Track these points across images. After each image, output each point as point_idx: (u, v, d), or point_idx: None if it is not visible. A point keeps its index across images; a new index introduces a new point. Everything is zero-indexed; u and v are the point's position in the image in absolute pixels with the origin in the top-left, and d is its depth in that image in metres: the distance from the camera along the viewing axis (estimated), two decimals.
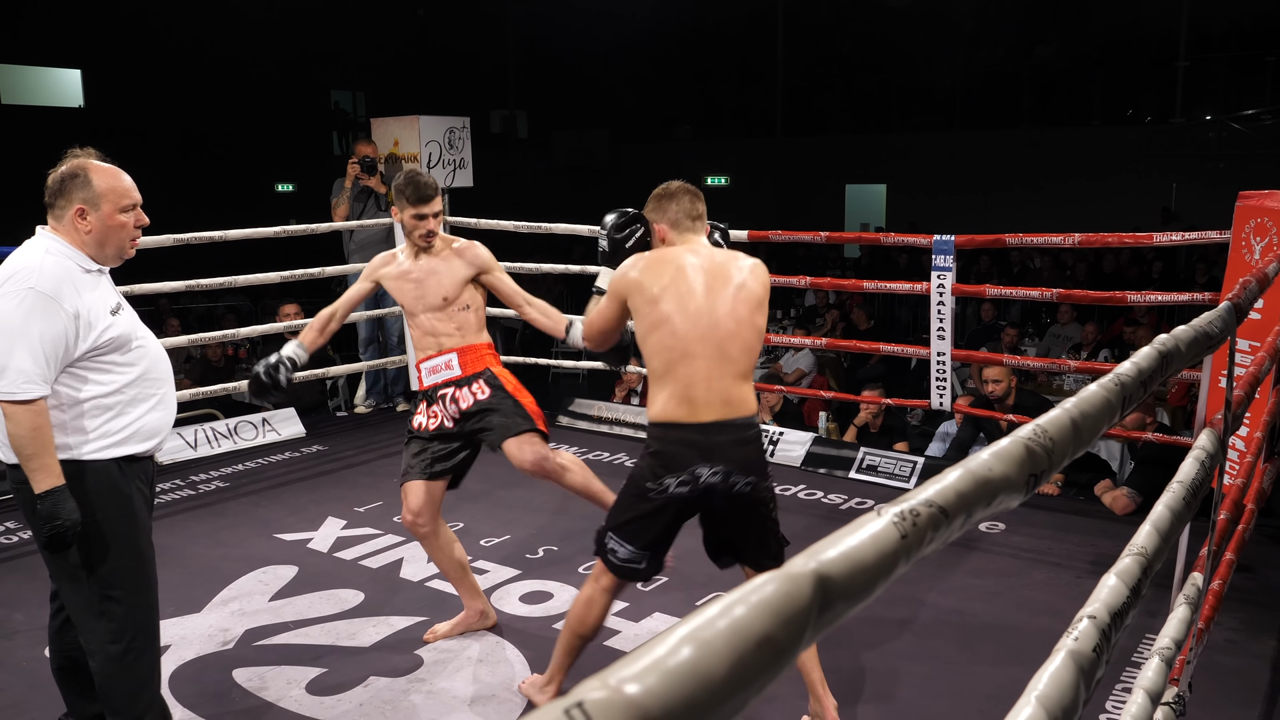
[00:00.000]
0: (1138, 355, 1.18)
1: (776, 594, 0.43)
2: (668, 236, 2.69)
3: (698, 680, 0.37)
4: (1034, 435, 0.75)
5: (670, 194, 2.71)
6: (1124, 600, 1.06)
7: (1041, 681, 0.88)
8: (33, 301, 2.25)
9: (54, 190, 2.37)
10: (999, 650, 3.21)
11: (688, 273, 2.56)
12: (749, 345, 2.57)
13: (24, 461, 2.27)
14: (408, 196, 3.16)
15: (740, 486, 2.54)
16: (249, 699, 2.94)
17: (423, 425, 3.24)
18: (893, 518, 0.55)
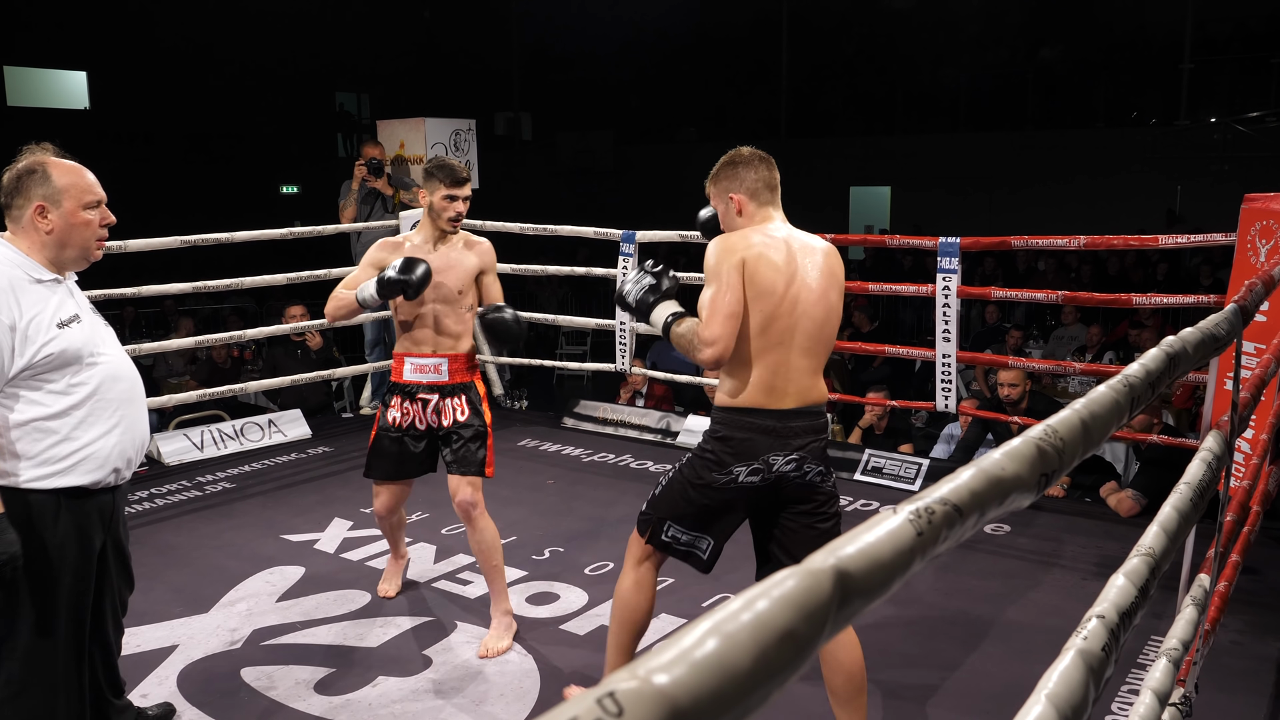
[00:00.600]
0: (1145, 357, 1.19)
1: (797, 589, 0.44)
2: (745, 208, 2.46)
3: (724, 672, 0.38)
4: (1045, 435, 0.76)
5: (744, 160, 2.49)
6: (1132, 600, 1.06)
7: (1051, 680, 0.89)
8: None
9: (9, 189, 2.20)
10: (1005, 651, 3.22)
11: (790, 252, 2.40)
12: (831, 337, 2.48)
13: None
14: (441, 178, 3.20)
15: (812, 475, 2.43)
16: (257, 699, 2.96)
17: (396, 421, 3.31)
18: (909, 515, 0.56)
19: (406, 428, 3.30)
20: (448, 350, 3.29)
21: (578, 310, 10.92)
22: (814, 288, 2.40)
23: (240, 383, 6.06)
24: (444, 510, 4.45)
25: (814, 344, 2.41)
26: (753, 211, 2.46)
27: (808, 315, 2.39)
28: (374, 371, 6.28)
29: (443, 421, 3.28)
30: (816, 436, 2.44)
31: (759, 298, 2.35)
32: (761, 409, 2.39)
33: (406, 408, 3.29)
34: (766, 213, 2.47)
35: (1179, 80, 13.81)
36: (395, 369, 3.35)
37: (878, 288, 5.21)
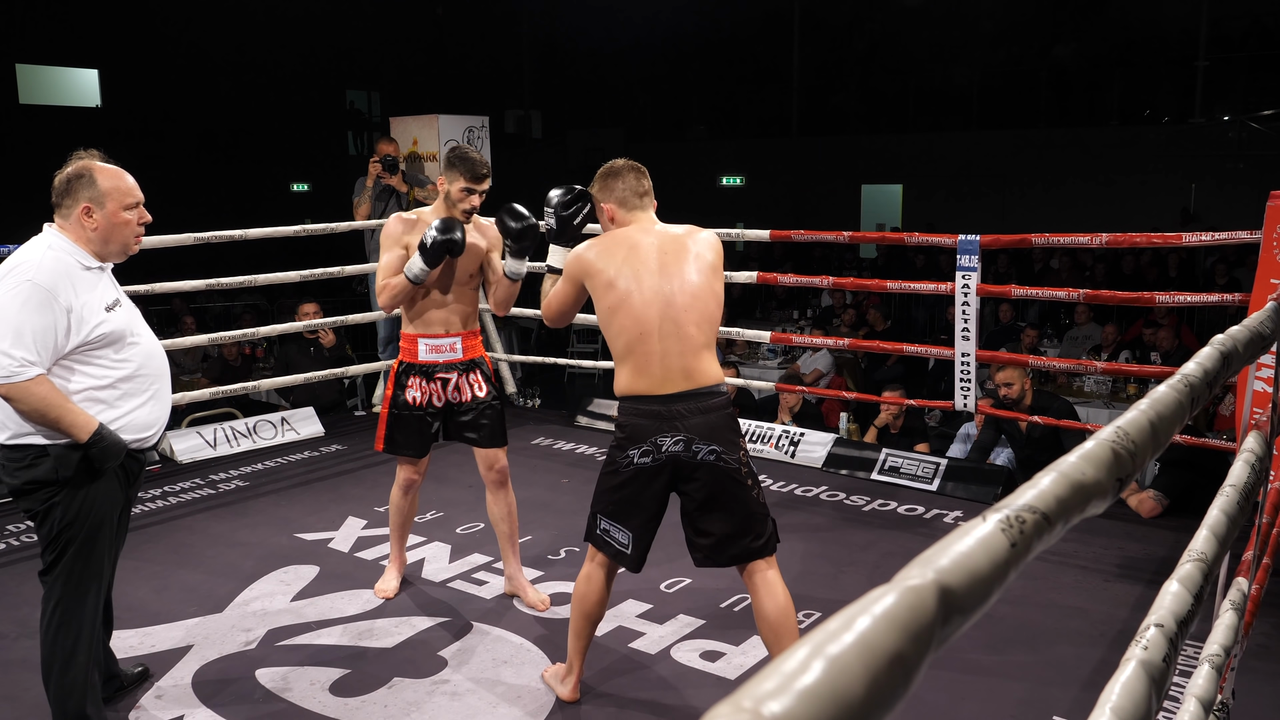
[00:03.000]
0: (1200, 356, 1.15)
1: (900, 606, 0.41)
2: (616, 215, 2.71)
3: (837, 702, 0.35)
4: (1118, 438, 0.73)
5: (615, 172, 2.72)
6: (1189, 608, 1.03)
7: (1114, 692, 0.85)
8: (28, 293, 2.37)
9: (61, 190, 2.50)
10: (1027, 654, 3.18)
11: (641, 251, 2.59)
12: (709, 315, 2.59)
13: (55, 424, 2.40)
14: (461, 171, 3.27)
15: (704, 454, 2.54)
16: (273, 699, 2.93)
17: (416, 400, 3.43)
18: (999, 524, 0.52)
19: (425, 406, 3.42)
20: (459, 330, 3.42)
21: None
22: (672, 275, 2.56)
23: (252, 380, 6.04)
24: (458, 510, 4.43)
25: (679, 327, 2.54)
26: (622, 217, 2.70)
27: (667, 301, 2.54)
28: (387, 369, 6.25)
29: (463, 398, 3.44)
30: (704, 415, 2.54)
31: (603, 299, 2.59)
32: (644, 395, 2.56)
33: (426, 387, 3.42)
34: (634, 216, 2.69)
35: (1193, 78, 13.70)
36: (409, 350, 3.43)
37: (896, 286, 5.15)
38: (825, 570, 3.86)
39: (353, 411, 6.48)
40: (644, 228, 2.67)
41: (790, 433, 5.29)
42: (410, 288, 3.28)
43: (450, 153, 3.34)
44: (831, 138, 16.99)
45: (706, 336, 2.58)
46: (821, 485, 4.85)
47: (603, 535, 2.70)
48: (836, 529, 4.32)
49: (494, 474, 3.46)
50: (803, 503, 4.63)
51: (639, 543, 2.67)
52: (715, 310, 2.61)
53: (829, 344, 6.78)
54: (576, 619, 2.81)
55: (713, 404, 2.57)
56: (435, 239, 3.18)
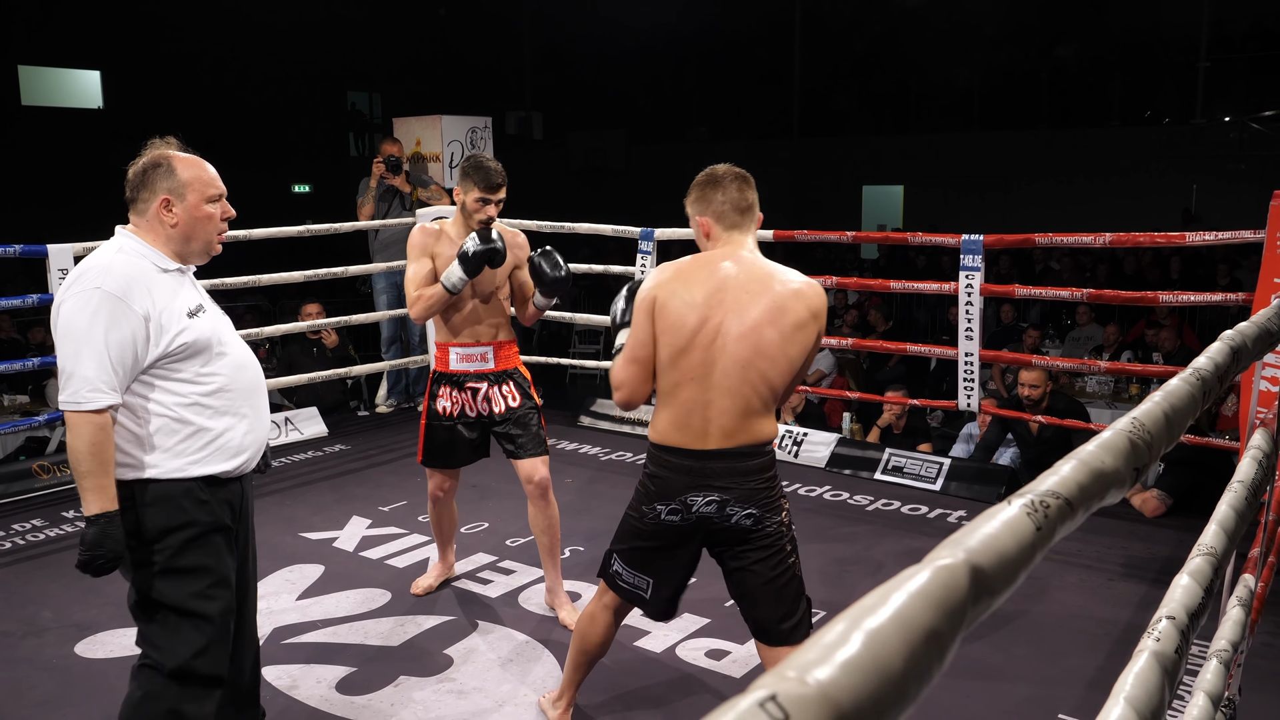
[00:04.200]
0: (1211, 350, 1.16)
1: (934, 584, 0.42)
2: (712, 231, 2.37)
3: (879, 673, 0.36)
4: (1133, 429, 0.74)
5: (716, 180, 2.38)
6: (1199, 601, 1.04)
7: (1128, 682, 0.86)
8: (99, 302, 2.06)
9: (136, 183, 2.20)
10: (1032, 652, 3.18)
11: (720, 285, 2.26)
12: (770, 376, 2.25)
13: (78, 479, 2.06)
14: (476, 181, 3.21)
15: (739, 519, 2.29)
16: (280, 698, 2.94)
17: (447, 410, 3.37)
18: (1024, 508, 0.53)
19: (457, 416, 3.36)
20: (491, 338, 3.36)
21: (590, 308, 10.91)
22: (744, 324, 2.22)
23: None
24: (462, 510, 4.43)
25: (736, 383, 2.23)
26: (719, 235, 2.37)
27: (728, 353, 2.23)
28: (390, 370, 6.27)
29: (494, 409, 3.35)
30: (744, 479, 2.28)
31: (667, 331, 2.27)
32: (678, 448, 2.30)
33: (456, 396, 3.36)
34: (731, 236, 2.36)
35: (1195, 79, 13.72)
36: (440, 359, 3.39)
37: (900, 286, 5.16)
38: (830, 570, 3.87)
39: (355, 412, 6.48)
40: (735, 254, 2.32)
41: (794, 433, 5.30)
42: (446, 298, 3.21)
43: (465, 161, 3.27)
44: (832, 139, 17.01)
45: (762, 400, 2.26)
46: (825, 485, 4.86)
47: (614, 577, 2.48)
48: (840, 528, 4.33)
49: (533, 486, 3.32)
50: (806, 502, 4.64)
51: (659, 591, 2.44)
52: (781, 374, 2.26)
53: (832, 344, 6.79)
54: (575, 653, 2.63)
55: (754, 465, 2.29)
56: (478, 249, 3.12)
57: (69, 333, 2.07)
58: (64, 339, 2.08)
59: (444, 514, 3.59)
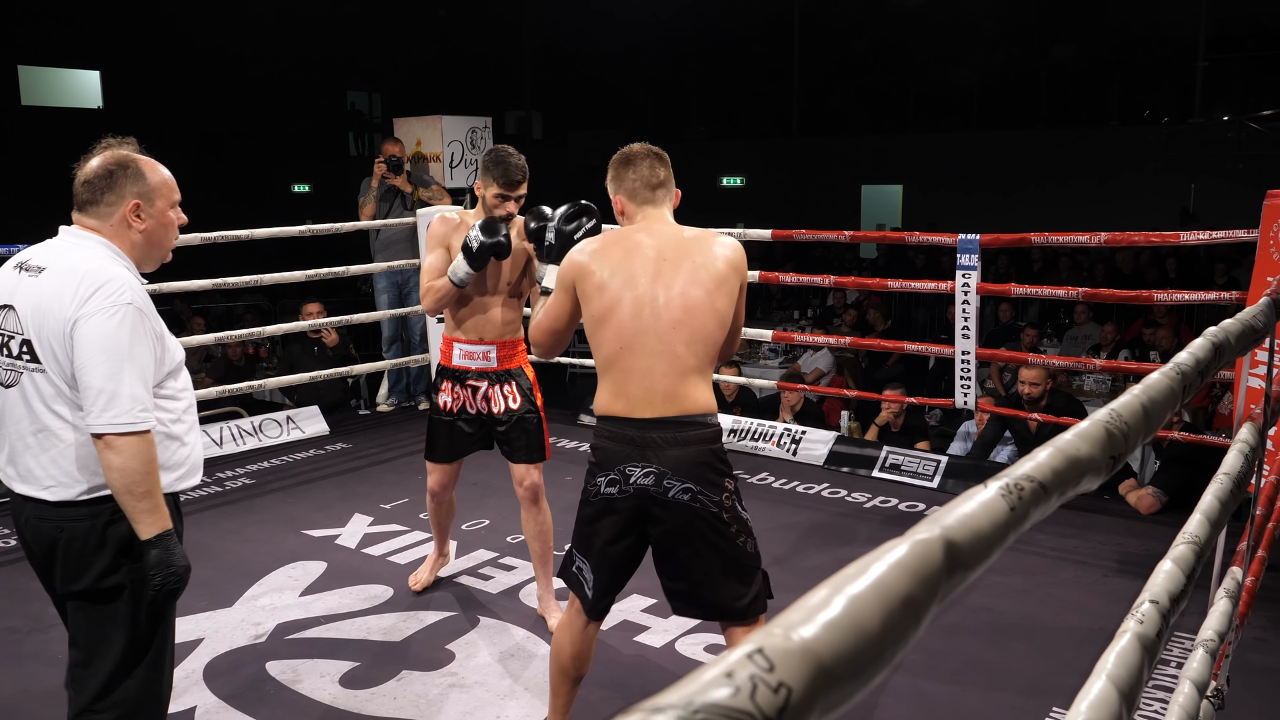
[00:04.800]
0: (1193, 346, 1.19)
1: (911, 555, 0.45)
2: (626, 208, 2.42)
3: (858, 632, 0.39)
4: (1111, 419, 0.77)
5: (629, 159, 2.42)
6: (1182, 586, 1.07)
7: (1109, 661, 0.90)
8: (133, 319, 1.96)
9: (100, 185, 2.04)
10: (1028, 647, 3.22)
11: (636, 254, 2.29)
12: (704, 334, 2.25)
13: (133, 501, 1.95)
14: (495, 176, 3.19)
15: (676, 493, 2.22)
16: (283, 691, 2.97)
17: (447, 405, 3.37)
18: (999, 490, 0.57)
19: (458, 412, 3.36)
20: (495, 337, 3.32)
21: None
22: (670, 289, 2.25)
23: (255, 380, 6.08)
24: (462, 506, 4.46)
25: (671, 344, 2.23)
26: (632, 211, 2.41)
27: (660, 318, 2.23)
28: (390, 369, 6.30)
29: (493, 409, 3.33)
30: (683, 448, 2.22)
31: (590, 305, 2.30)
32: (618, 417, 2.28)
33: (457, 392, 3.36)
34: (645, 211, 2.40)
35: (1193, 78, 13.76)
36: (444, 353, 3.39)
37: (897, 285, 5.19)
38: (829, 567, 3.90)
39: (356, 410, 6.52)
40: (650, 227, 2.35)
41: (792, 431, 5.33)
42: (454, 290, 3.19)
43: (486, 156, 3.23)
44: (832, 138, 17.05)
45: (698, 359, 2.25)
46: (823, 482, 4.90)
47: (577, 574, 2.40)
48: (838, 525, 4.36)
49: (524, 490, 3.32)
50: (805, 500, 4.68)
51: (599, 580, 2.35)
52: (714, 330, 2.27)
53: (830, 343, 6.82)
54: (553, 674, 2.50)
55: (694, 435, 2.24)
56: (481, 241, 3.10)
57: (110, 350, 1.93)
58: (101, 356, 1.93)
59: (443, 508, 3.62)
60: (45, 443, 2.01)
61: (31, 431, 2.01)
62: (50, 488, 2.02)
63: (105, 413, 1.93)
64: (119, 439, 1.93)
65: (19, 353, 2.00)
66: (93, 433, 1.95)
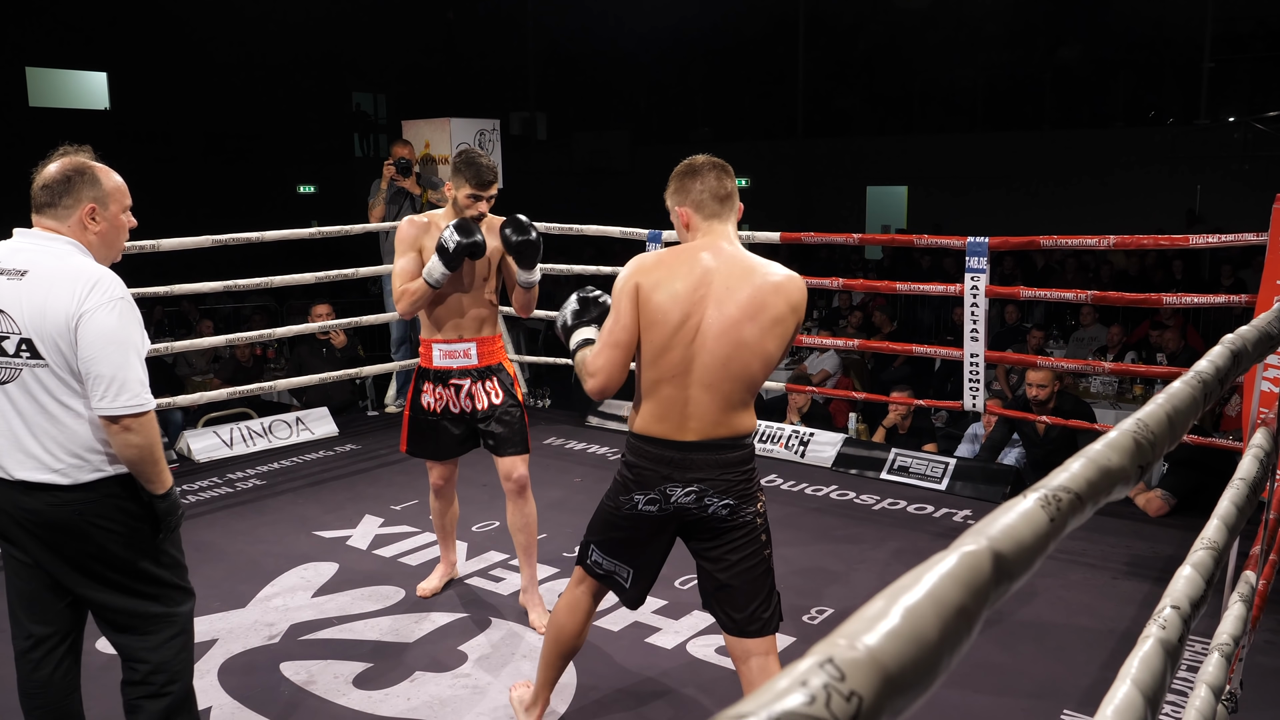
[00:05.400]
0: (1211, 354, 1.21)
1: (962, 566, 0.47)
2: (691, 221, 2.36)
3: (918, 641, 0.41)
4: (1138, 429, 0.79)
5: (694, 170, 2.39)
6: (1201, 592, 1.09)
7: (1134, 666, 0.91)
8: (131, 312, 2.16)
9: (58, 189, 2.18)
10: (1038, 649, 3.23)
11: (700, 280, 2.25)
12: (749, 374, 2.26)
13: (148, 468, 2.17)
14: (467, 177, 3.22)
15: (716, 509, 2.31)
16: (297, 693, 2.99)
17: (431, 406, 3.40)
18: (1039, 500, 0.58)
19: (441, 412, 3.39)
20: (474, 334, 3.37)
21: None
22: (724, 319, 2.22)
23: (263, 381, 6.11)
24: (476, 507, 4.48)
25: (717, 379, 2.25)
26: (699, 224, 2.35)
27: (708, 349, 2.23)
28: (399, 370, 6.32)
29: (476, 406, 3.37)
30: (723, 471, 2.30)
31: (650, 327, 2.26)
32: (659, 439, 2.31)
33: (440, 393, 3.38)
34: (711, 226, 2.35)
35: (1199, 79, 13.75)
36: (424, 355, 3.41)
37: (905, 287, 5.20)
38: (837, 568, 3.92)
39: (364, 412, 6.54)
40: (716, 246, 2.30)
41: (800, 433, 5.35)
42: (430, 292, 3.22)
43: (457, 157, 3.29)
44: (836, 139, 17.05)
45: (744, 394, 2.29)
46: (832, 485, 4.91)
47: (594, 566, 2.50)
48: (847, 528, 4.38)
49: (511, 483, 3.37)
50: (813, 502, 4.69)
51: (639, 581, 2.48)
52: (758, 371, 2.27)
53: (838, 345, 6.84)
54: (550, 650, 2.60)
55: (734, 457, 2.32)
56: (457, 242, 3.13)
57: (115, 341, 2.10)
58: (109, 347, 2.09)
59: (445, 507, 3.63)
60: (55, 430, 2.14)
61: (37, 422, 2.14)
62: (64, 469, 2.15)
63: (119, 398, 2.10)
64: (134, 420, 2.12)
65: (16, 351, 2.12)
66: (107, 416, 2.11)
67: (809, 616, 3.45)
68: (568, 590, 2.58)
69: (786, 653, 3.19)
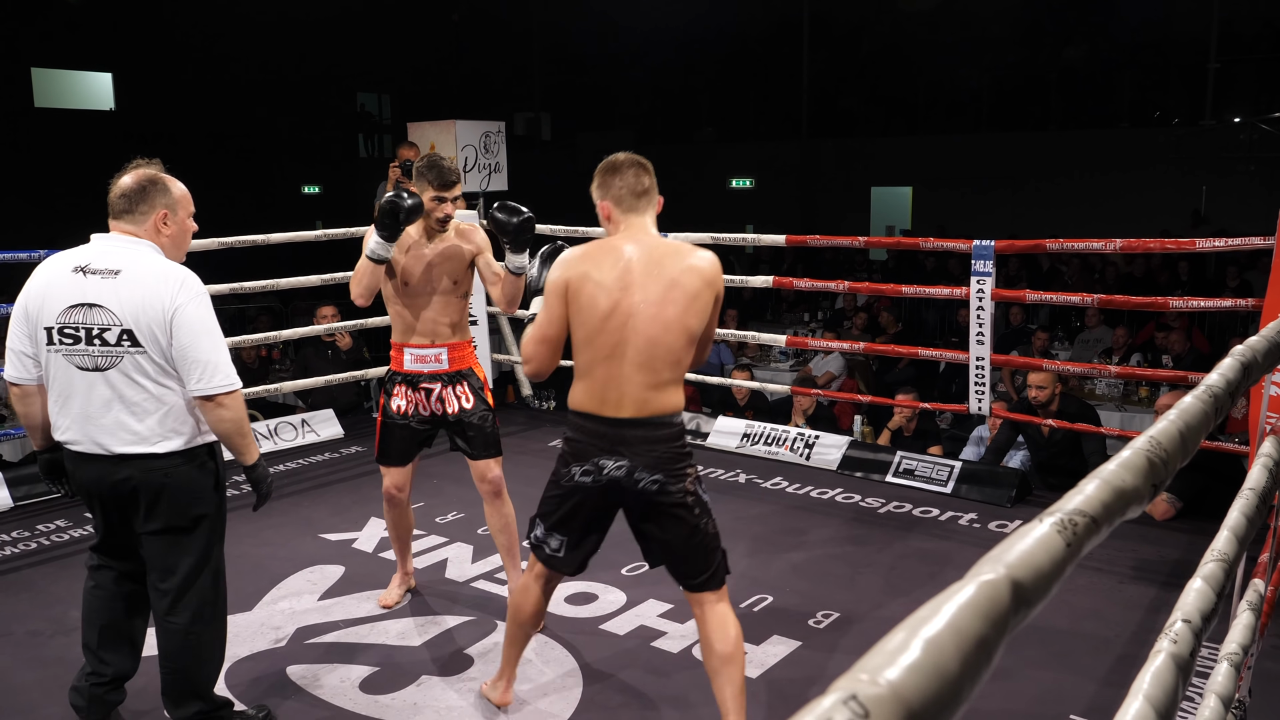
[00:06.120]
0: (1221, 366, 1.21)
1: (980, 596, 0.47)
2: (612, 215, 2.54)
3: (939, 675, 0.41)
4: (1151, 447, 0.79)
5: (615, 167, 2.55)
6: (1212, 605, 1.09)
7: (1145, 681, 0.91)
8: (209, 303, 2.50)
9: (135, 197, 2.50)
10: (1043, 654, 3.23)
11: (623, 266, 2.43)
12: (675, 351, 2.43)
13: (240, 439, 2.54)
14: (430, 180, 3.26)
15: (646, 484, 2.45)
16: (304, 696, 3.00)
17: (401, 409, 3.41)
18: (1054, 525, 0.58)
19: (411, 415, 3.41)
20: (445, 340, 3.39)
21: None
22: (649, 304, 2.40)
23: (269, 383, 6.11)
24: (479, 510, 4.48)
25: (649, 359, 2.41)
26: (618, 218, 2.54)
27: (639, 332, 2.41)
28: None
29: (447, 410, 3.40)
30: (652, 446, 2.45)
31: (580, 312, 2.45)
32: (594, 415, 2.48)
33: (411, 396, 3.40)
34: (630, 220, 2.52)
35: (1204, 80, 13.73)
36: (395, 359, 3.43)
37: (912, 290, 5.20)
38: (842, 572, 3.92)
39: (370, 413, 6.54)
40: (635, 237, 2.49)
41: (805, 435, 5.35)
42: (371, 267, 3.22)
43: (420, 162, 3.32)
44: (841, 140, 17.05)
45: (671, 372, 2.45)
46: (837, 488, 4.91)
47: (536, 541, 2.65)
48: (852, 531, 4.37)
49: (486, 485, 3.41)
50: (818, 505, 4.69)
51: (574, 548, 2.62)
52: (683, 347, 2.44)
53: (844, 348, 6.83)
54: (511, 628, 2.80)
55: (662, 434, 2.47)
56: (383, 208, 3.14)
57: (206, 329, 2.46)
58: (202, 336, 2.45)
59: (401, 517, 3.58)
60: (154, 407, 2.47)
61: (137, 401, 2.46)
62: (158, 442, 2.49)
63: (214, 378, 2.45)
64: (227, 397, 2.48)
65: (118, 340, 2.43)
66: (203, 395, 2.46)
67: (815, 621, 3.45)
68: (525, 573, 2.74)
69: (792, 658, 3.19)
